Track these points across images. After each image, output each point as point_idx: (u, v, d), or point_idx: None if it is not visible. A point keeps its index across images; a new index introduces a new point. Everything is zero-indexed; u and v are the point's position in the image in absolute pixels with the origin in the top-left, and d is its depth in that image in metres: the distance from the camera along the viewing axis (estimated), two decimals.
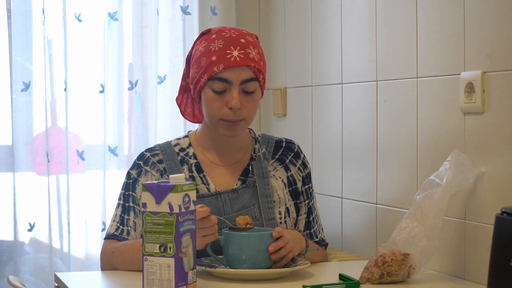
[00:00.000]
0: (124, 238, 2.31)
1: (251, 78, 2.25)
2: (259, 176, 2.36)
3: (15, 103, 3.14)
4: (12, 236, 3.16)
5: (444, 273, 2.24)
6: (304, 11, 3.04)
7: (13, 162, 3.14)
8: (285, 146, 2.45)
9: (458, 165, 2.09)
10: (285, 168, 2.42)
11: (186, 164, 2.36)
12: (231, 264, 2.13)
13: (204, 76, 2.25)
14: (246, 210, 2.32)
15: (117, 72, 3.26)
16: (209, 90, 2.26)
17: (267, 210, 2.33)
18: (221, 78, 2.24)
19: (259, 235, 2.13)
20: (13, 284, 2.35)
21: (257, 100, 2.29)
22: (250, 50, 2.26)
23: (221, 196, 2.32)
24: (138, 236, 2.32)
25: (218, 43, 2.25)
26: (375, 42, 2.58)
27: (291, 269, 2.11)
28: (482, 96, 2.09)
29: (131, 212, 2.33)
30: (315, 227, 2.44)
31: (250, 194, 2.35)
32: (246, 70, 2.25)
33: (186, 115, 2.43)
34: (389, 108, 2.52)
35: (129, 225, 2.32)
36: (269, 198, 2.34)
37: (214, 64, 2.23)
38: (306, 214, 2.42)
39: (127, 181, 2.36)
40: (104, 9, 3.24)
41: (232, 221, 2.27)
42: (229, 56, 2.23)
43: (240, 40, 2.26)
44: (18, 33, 3.14)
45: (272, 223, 2.32)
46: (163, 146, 2.39)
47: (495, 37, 2.05)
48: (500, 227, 1.64)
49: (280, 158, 2.43)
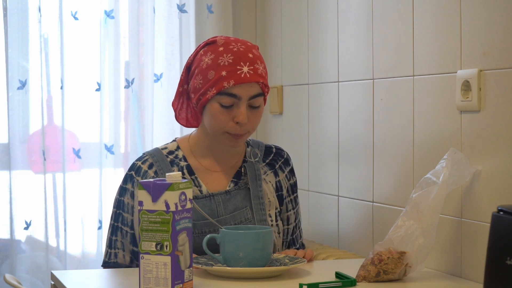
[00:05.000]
0: (115, 263, 2.36)
1: (259, 93, 2.28)
2: (251, 178, 2.38)
3: (11, 101, 3.14)
4: (9, 234, 3.16)
5: (441, 271, 2.24)
6: (301, 9, 3.04)
7: (9, 160, 3.14)
8: (275, 152, 2.48)
9: (455, 163, 2.10)
10: (274, 173, 2.44)
11: (176, 166, 2.37)
12: (228, 262, 2.13)
13: (212, 90, 2.25)
14: (239, 212, 2.34)
15: (114, 70, 3.26)
16: (216, 104, 2.27)
17: (259, 211, 2.35)
18: (231, 94, 2.25)
19: (256, 233, 2.13)
20: (9, 283, 2.35)
21: (261, 113, 2.32)
22: (258, 65, 2.28)
23: (214, 198, 2.34)
24: (126, 256, 2.36)
25: (227, 58, 2.26)
26: (371, 40, 2.58)
27: (288, 267, 2.12)
28: (479, 94, 2.09)
29: (118, 233, 2.36)
30: (297, 232, 2.48)
31: (243, 196, 2.36)
32: (255, 86, 2.26)
33: (180, 120, 2.44)
34: (386, 106, 2.52)
35: (116, 247, 2.36)
36: (261, 200, 2.36)
37: (224, 79, 2.24)
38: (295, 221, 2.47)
39: (118, 197, 2.38)
40: (100, 7, 3.23)
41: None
42: (239, 72, 2.24)
43: (248, 55, 2.27)
44: (14, 31, 3.14)
45: (264, 224, 2.34)
46: (151, 152, 2.41)
47: (492, 35, 2.05)
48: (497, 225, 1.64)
49: (271, 163, 2.45)
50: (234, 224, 2.33)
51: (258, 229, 2.18)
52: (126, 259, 2.35)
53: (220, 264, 2.15)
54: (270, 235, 2.14)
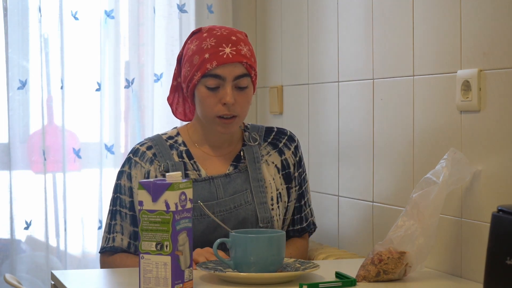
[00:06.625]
0: (112, 247, 2.36)
1: (244, 74, 2.30)
2: (250, 161, 2.39)
3: (12, 101, 3.14)
4: (9, 234, 3.16)
5: (441, 271, 2.24)
6: (301, 9, 3.04)
7: (9, 160, 3.14)
8: (276, 131, 2.49)
9: (455, 163, 2.10)
10: (279, 152, 2.45)
11: (176, 150, 2.40)
12: (238, 267, 2.07)
13: (198, 73, 2.29)
14: (239, 195, 2.35)
15: (114, 70, 3.26)
16: (202, 87, 2.29)
17: (259, 194, 2.36)
18: (215, 75, 2.27)
19: (268, 237, 2.08)
20: (9, 282, 2.35)
21: (249, 95, 2.33)
22: (242, 47, 2.30)
23: (214, 181, 2.35)
24: (124, 240, 2.36)
25: (210, 41, 2.29)
26: (371, 40, 2.58)
27: (301, 272, 2.07)
28: (479, 94, 2.09)
29: (117, 216, 2.38)
30: (306, 210, 2.48)
31: (243, 179, 2.37)
32: (238, 66, 2.29)
33: (177, 114, 2.47)
34: (386, 106, 2.52)
35: (115, 231, 2.37)
36: (260, 183, 2.37)
37: (207, 61, 2.27)
38: (296, 199, 2.46)
39: (116, 182, 2.41)
40: (100, 7, 3.23)
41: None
42: (221, 53, 2.27)
43: (231, 37, 2.30)
44: (14, 31, 3.14)
45: (264, 207, 2.35)
46: (151, 137, 2.45)
47: (492, 35, 2.05)
48: (497, 225, 1.64)
49: (273, 142, 2.46)
50: (234, 207, 2.33)
51: (269, 233, 2.14)
52: (123, 243, 2.36)
53: (230, 269, 2.09)
54: (282, 239, 2.09)
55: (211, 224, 2.31)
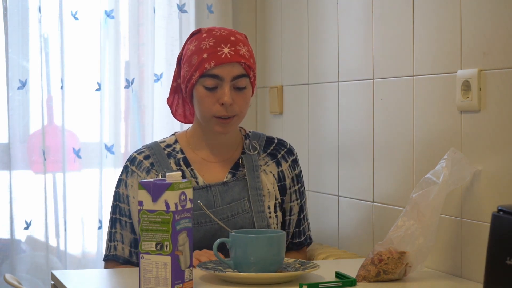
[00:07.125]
0: (114, 255, 2.37)
1: (242, 74, 2.29)
2: (249, 169, 2.38)
3: (12, 101, 3.14)
4: (9, 234, 3.16)
5: (441, 271, 2.24)
6: (301, 9, 3.04)
7: (9, 160, 3.14)
8: (277, 142, 2.48)
9: (455, 163, 2.10)
10: (276, 163, 2.44)
11: (173, 158, 2.39)
12: (239, 267, 2.07)
13: (196, 73, 2.28)
14: (236, 203, 2.34)
15: (114, 70, 3.26)
16: (201, 87, 2.29)
17: (257, 202, 2.35)
18: (213, 75, 2.27)
19: (268, 237, 2.08)
20: (9, 282, 2.35)
21: (248, 96, 2.33)
22: (240, 47, 2.30)
23: (211, 189, 2.34)
24: (125, 249, 2.36)
25: (209, 41, 2.29)
26: (371, 40, 2.58)
27: (301, 272, 2.07)
28: (479, 94, 2.09)
29: (117, 224, 2.38)
30: (305, 224, 2.48)
31: (240, 187, 2.37)
32: (237, 66, 2.28)
33: (177, 116, 2.47)
34: (386, 106, 2.52)
35: (115, 239, 2.38)
36: (259, 191, 2.37)
37: (206, 61, 2.27)
38: (298, 213, 2.46)
39: (115, 189, 2.41)
40: (100, 7, 3.23)
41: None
42: (220, 53, 2.27)
43: (230, 38, 2.30)
44: (14, 31, 3.14)
45: (262, 215, 2.34)
46: (149, 145, 2.44)
47: (492, 35, 2.05)
48: (497, 225, 1.64)
49: (272, 153, 2.45)
50: (231, 215, 2.33)
51: (269, 233, 2.14)
52: (125, 251, 2.36)
53: (230, 269, 2.08)
54: (282, 239, 2.09)
55: (208, 232, 2.31)
